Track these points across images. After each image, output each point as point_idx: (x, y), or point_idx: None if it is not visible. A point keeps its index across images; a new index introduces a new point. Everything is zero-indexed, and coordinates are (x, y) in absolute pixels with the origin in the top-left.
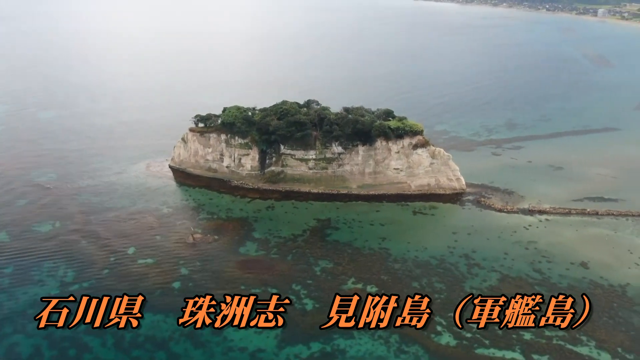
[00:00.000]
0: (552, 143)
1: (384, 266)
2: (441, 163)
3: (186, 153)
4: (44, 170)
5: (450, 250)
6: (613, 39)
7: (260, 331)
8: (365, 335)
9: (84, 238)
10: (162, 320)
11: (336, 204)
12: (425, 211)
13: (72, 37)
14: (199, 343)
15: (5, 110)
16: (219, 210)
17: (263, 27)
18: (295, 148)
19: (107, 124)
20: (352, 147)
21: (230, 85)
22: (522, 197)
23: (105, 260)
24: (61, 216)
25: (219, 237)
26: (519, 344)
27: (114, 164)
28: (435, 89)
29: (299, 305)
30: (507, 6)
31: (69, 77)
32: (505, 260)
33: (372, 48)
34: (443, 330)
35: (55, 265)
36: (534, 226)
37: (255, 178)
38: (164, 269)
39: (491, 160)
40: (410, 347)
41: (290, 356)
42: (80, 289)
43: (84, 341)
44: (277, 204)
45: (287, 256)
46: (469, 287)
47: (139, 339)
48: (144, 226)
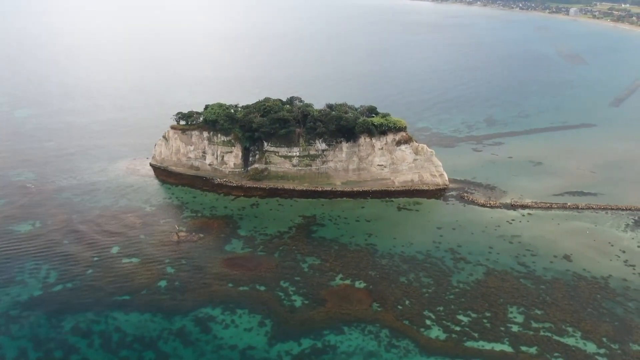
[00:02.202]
0: (531, 139)
1: (371, 262)
2: (424, 159)
3: (168, 151)
4: (21, 170)
5: (436, 245)
6: (586, 37)
7: (249, 328)
8: (356, 330)
9: (66, 237)
10: (150, 320)
11: (321, 200)
12: (409, 207)
13: (42, 36)
14: (188, 342)
15: None
16: (202, 209)
17: (239, 26)
18: (278, 145)
19: (83, 122)
20: (335, 144)
21: (207, 83)
22: (504, 192)
23: (89, 260)
24: (41, 216)
25: (204, 236)
26: (507, 336)
27: (94, 163)
28: (412, 87)
29: (288, 302)
30: (482, 5)
31: (40, 75)
32: (490, 255)
33: (345, 47)
34: (432, 324)
35: (37, 266)
36: (517, 220)
37: (238, 176)
38: (149, 268)
39: (472, 156)
40: (400, 341)
41: (281, 353)
42: (64, 290)
43: (70, 342)
44: (261, 201)
45: (273, 253)
46: (456, 282)
47: (126, 338)
48: (127, 225)
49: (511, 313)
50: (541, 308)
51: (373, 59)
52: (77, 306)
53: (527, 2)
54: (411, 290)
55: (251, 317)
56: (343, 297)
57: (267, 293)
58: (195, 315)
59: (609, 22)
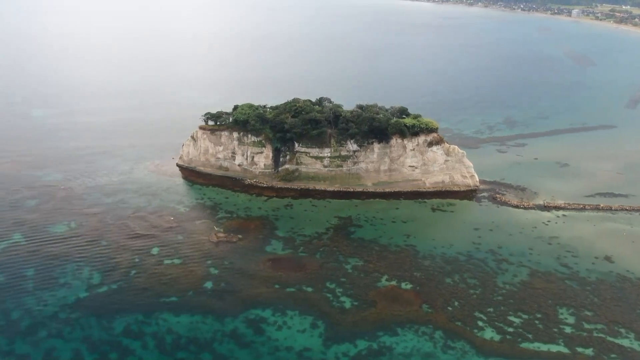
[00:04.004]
0: (553, 140)
1: (414, 263)
2: (455, 160)
3: (196, 151)
4: (48, 170)
5: (476, 246)
6: (590, 39)
7: (302, 330)
8: (409, 331)
9: (103, 238)
10: (201, 321)
11: (354, 201)
12: (443, 208)
13: (45, 36)
14: (243, 343)
15: None
16: (237, 209)
17: (240, 27)
18: (310, 146)
19: (102, 122)
20: (367, 145)
21: (216, 83)
22: (535, 194)
23: (130, 261)
24: (75, 216)
25: (243, 236)
26: (561, 337)
27: (119, 163)
28: (424, 89)
29: (337, 304)
30: (483, 6)
31: (50, 75)
32: (531, 256)
33: (351, 47)
34: (485, 325)
35: (79, 267)
36: (553, 222)
37: (268, 176)
38: (192, 269)
39: (498, 158)
40: (455, 342)
41: (338, 354)
42: (110, 291)
43: (124, 344)
44: (294, 202)
45: (315, 254)
46: (502, 283)
47: (180, 340)
48: (164, 226)
49: (562, 314)
50: (590, 309)
51: (378, 59)
52: (126, 307)
53: (529, 3)
54: (458, 291)
55: (302, 318)
56: (392, 298)
57: (314, 294)
58: (246, 317)
59: (611, 23)
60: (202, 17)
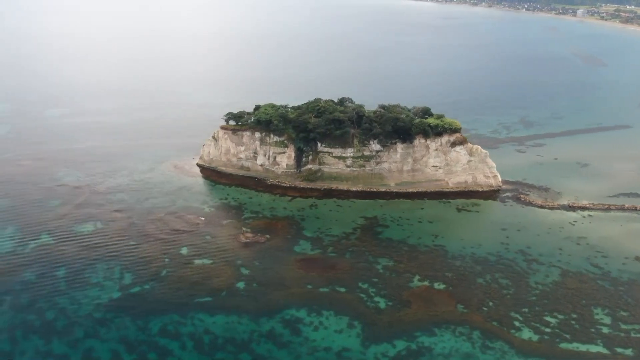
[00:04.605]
0: (570, 140)
1: (445, 263)
2: (478, 160)
3: (217, 151)
4: (68, 170)
5: (505, 246)
6: (597, 39)
7: (339, 330)
8: (446, 332)
9: (131, 238)
10: (237, 322)
11: (378, 201)
12: (468, 208)
13: (49, 36)
14: (281, 344)
15: (9, 109)
16: (262, 209)
17: (243, 27)
18: (332, 146)
19: (117, 122)
20: (390, 145)
21: (225, 85)
22: (558, 194)
23: (160, 261)
24: (100, 216)
25: (270, 237)
26: (599, 337)
27: (139, 163)
28: (436, 88)
29: (372, 304)
30: (487, 6)
31: (58, 75)
32: (561, 256)
33: (355, 46)
34: (521, 325)
35: (109, 267)
36: (579, 222)
37: (291, 176)
38: (223, 269)
39: (517, 158)
40: (494, 343)
41: (377, 354)
42: (142, 291)
43: (161, 344)
44: (319, 202)
45: (344, 254)
46: (534, 283)
47: (217, 341)
48: (190, 226)
49: (597, 314)
50: (626, 309)
51: (385, 60)
52: (160, 308)
53: (533, 3)
54: (492, 291)
55: (338, 318)
56: (426, 298)
57: (348, 294)
58: (282, 317)
59: (617, 23)
60: (203, 17)
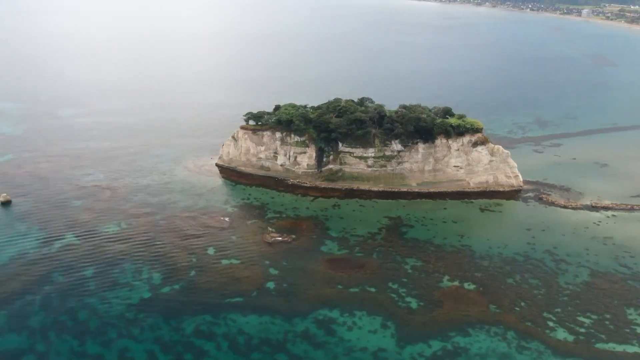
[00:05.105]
0: (587, 140)
1: (473, 263)
2: (500, 160)
3: (236, 151)
4: (87, 170)
5: (531, 246)
6: (604, 39)
7: (373, 330)
8: (480, 332)
9: (157, 239)
10: (270, 322)
11: (400, 201)
12: (491, 208)
13: (53, 36)
14: (317, 344)
15: (21, 108)
16: (284, 209)
17: (250, 27)
18: (354, 146)
19: (132, 122)
20: (412, 145)
21: (236, 84)
22: (580, 194)
23: (188, 261)
24: (123, 216)
25: (296, 237)
26: (635, 337)
27: (158, 163)
28: (446, 88)
29: (403, 304)
30: (491, 6)
31: (67, 75)
32: (588, 256)
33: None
34: (555, 325)
35: (137, 267)
36: (604, 222)
37: (311, 176)
38: (252, 269)
39: (535, 158)
40: (529, 343)
41: (414, 354)
42: (173, 291)
43: (197, 345)
44: (341, 202)
45: (371, 254)
46: (564, 283)
47: (252, 341)
48: (215, 226)
49: (630, 315)
50: None
51: (393, 60)
52: (192, 308)
53: (537, 3)
54: (522, 291)
55: (372, 318)
56: (457, 298)
57: (379, 295)
58: (315, 317)
59: (622, 23)
60: (204, 17)
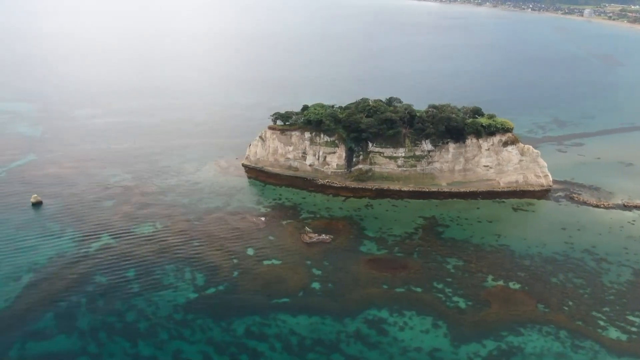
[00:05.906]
0: (608, 139)
1: (514, 263)
2: (530, 160)
3: (264, 151)
4: (114, 171)
5: (570, 245)
6: (608, 38)
7: (425, 330)
8: (532, 331)
9: (194, 240)
10: (320, 322)
11: (432, 201)
12: (524, 208)
13: (56, 35)
14: (371, 344)
15: (38, 109)
16: (318, 210)
17: (242, 28)
18: (384, 146)
19: (153, 122)
20: (442, 145)
21: (248, 84)
22: (610, 193)
23: (229, 262)
24: (157, 217)
25: (334, 237)
26: None
27: (184, 163)
28: (457, 88)
29: (452, 304)
30: (491, 6)
31: (76, 75)
32: (628, 255)
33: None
34: (606, 325)
35: (179, 268)
36: (638, 221)
37: (341, 176)
38: (294, 270)
39: (560, 157)
40: (583, 342)
41: (469, 354)
42: (218, 292)
43: (251, 346)
44: (373, 202)
45: (411, 254)
46: (608, 282)
47: (305, 342)
48: (251, 226)
49: None
50: None
51: (400, 61)
52: (240, 309)
53: (538, 2)
54: (568, 291)
55: (422, 318)
56: (504, 298)
57: (425, 295)
58: (365, 318)
59: (625, 23)
60: (204, 16)
